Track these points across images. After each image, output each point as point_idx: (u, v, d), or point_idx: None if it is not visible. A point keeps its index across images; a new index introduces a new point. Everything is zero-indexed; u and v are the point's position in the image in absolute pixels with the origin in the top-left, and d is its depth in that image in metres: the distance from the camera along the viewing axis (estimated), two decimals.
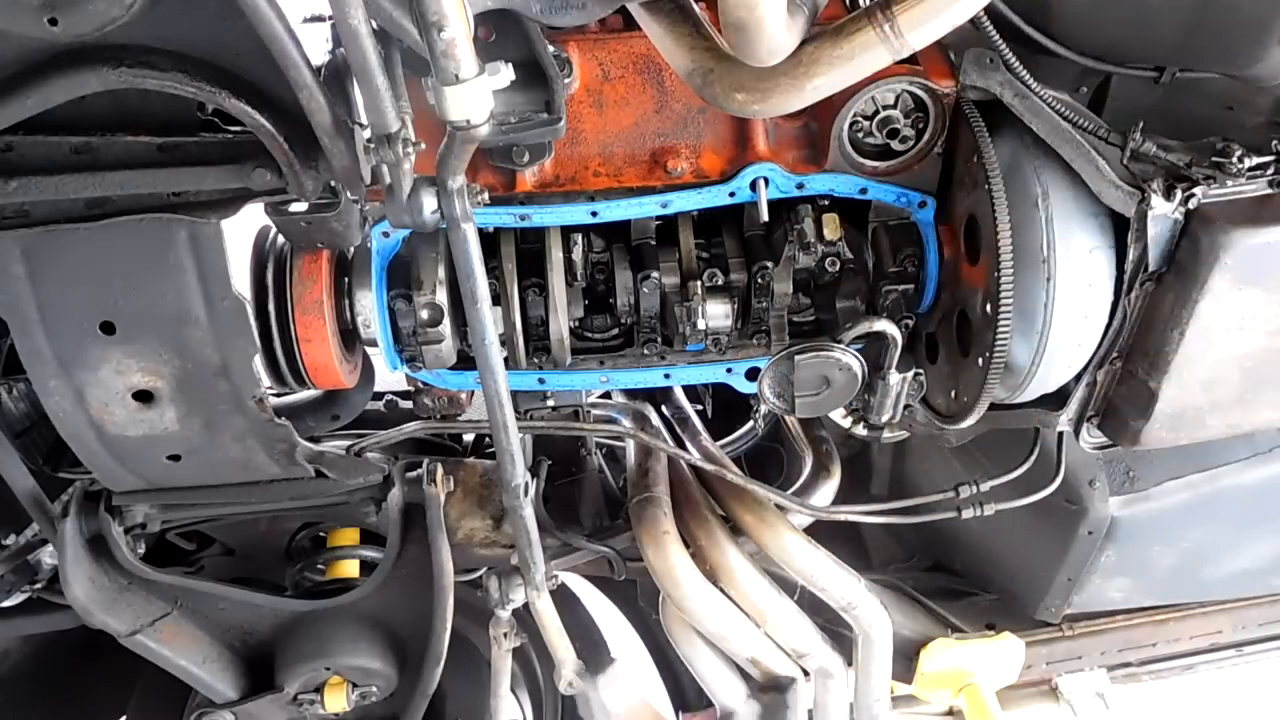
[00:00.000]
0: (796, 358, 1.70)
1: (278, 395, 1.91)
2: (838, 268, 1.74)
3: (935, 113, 1.63)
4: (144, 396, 1.49)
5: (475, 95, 1.12)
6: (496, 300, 1.67)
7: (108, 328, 1.41)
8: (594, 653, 2.34)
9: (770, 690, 2.09)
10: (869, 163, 1.67)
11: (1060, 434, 1.85)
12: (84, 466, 1.63)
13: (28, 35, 1.08)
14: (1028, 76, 1.53)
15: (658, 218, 1.76)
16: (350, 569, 2.10)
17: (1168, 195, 1.44)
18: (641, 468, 2.06)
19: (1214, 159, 1.48)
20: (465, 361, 1.78)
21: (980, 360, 1.60)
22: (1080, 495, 2.02)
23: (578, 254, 1.72)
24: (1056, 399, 1.72)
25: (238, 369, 1.48)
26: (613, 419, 2.20)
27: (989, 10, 1.47)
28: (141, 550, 1.82)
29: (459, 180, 1.28)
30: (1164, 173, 1.47)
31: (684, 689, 2.37)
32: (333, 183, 1.35)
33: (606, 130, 1.67)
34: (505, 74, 1.16)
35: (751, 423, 2.64)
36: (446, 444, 2.19)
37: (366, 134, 1.20)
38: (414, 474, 1.84)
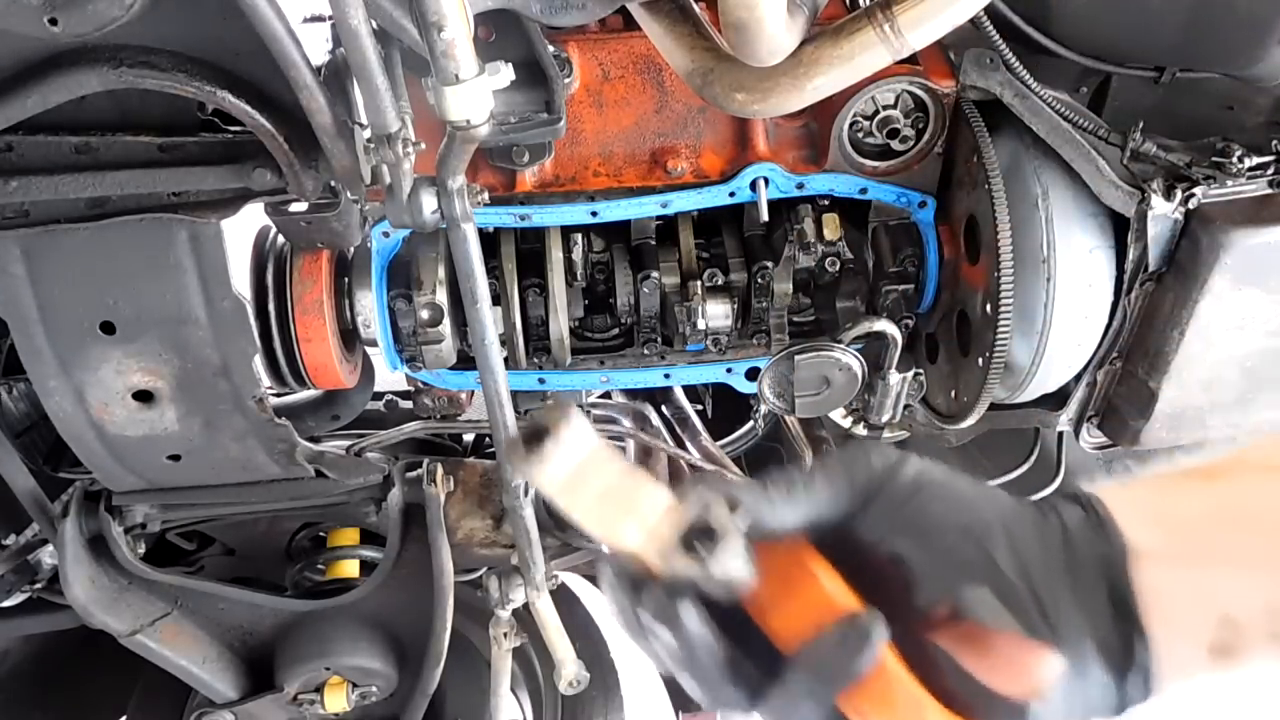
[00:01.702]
0: (796, 358, 1.70)
1: (278, 395, 1.91)
2: (838, 268, 1.74)
3: (935, 113, 1.63)
4: (144, 396, 1.49)
5: (475, 95, 1.12)
6: (496, 300, 1.67)
7: (108, 328, 1.41)
8: (594, 652, 2.34)
9: None
10: (869, 163, 1.67)
11: (1060, 434, 1.85)
12: (84, 466, 1.63)
13: (28, 35, 1.08)
14: (1028, 76, 1.53)
15: (658, 218, 1.76)
16: (350, 569, 2.10)
17: (1168, 195, 1.44)
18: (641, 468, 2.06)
19: (1214, 159, 1.48)
20: (465, 361, 1.78)
21: (980, 360, 1.60)
22: None
23: (578, 254, 1.72)
24: (1056, 399, 1.72)
25: (238, 369, 1.48)
26: (613, 419, 2.20)
27: (989, 10, 1.47)
28: (141, 550, 1.81)
29: (459, 180, 1.28)
30: (1164, 173, 1.47)
31: (684, 689, 2.37)
32: (333, 183, 1.35)
33: (606, 130, 1.67)
34: (505, 74, 1.16)
35: (751, 423, 2.64)
36: (446, 444, 2.19)
37: (366, 134, 1.20)
38: (414, 474, 1.83)
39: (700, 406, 2.39)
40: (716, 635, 0.63)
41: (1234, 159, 1.46)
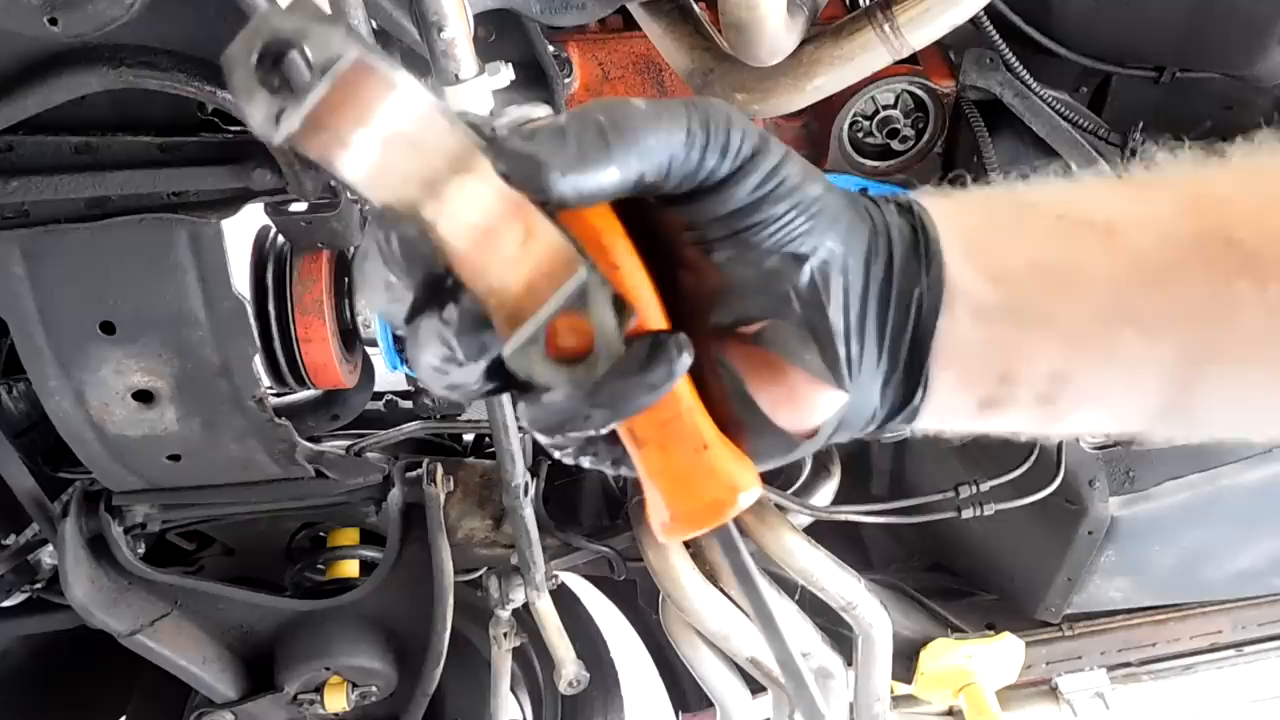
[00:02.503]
0: None
1: (278, 395, 1.91)
2: None
3: (935, 113, 1.63)
4: (144, 396, 1.49)
5: (475, 95, 1.12)
6: None
7: (108, 328, 1.41)
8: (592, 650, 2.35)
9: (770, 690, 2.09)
10: (869, 163, 1.67)
11: None
12: (84, 466, 1.63)
13: (28, 35, 1.08)
14: (1028, 76, 1.53)
15: None
16: (350, 569, 2.10)
17: None
18: None
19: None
20: None
21: None
22: (1080, 495, 2.02)
23: None
24: None
25: (238, 369, 1.48)
26: None
27: (989, 10, 1.47)
28: (141, 550, 1.82)
29: None
30: None
31: (684, 689, 2.37)
32: (332, 183, 1.35)
33: None
34: (505, 74, 1.16)
35: None
36: (446, 444, 2.19)
37: None
38: (414, 474, 1.83)
39: None
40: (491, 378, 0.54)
41: None
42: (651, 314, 0.53)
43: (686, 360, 0.52)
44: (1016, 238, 0.59)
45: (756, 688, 2.11)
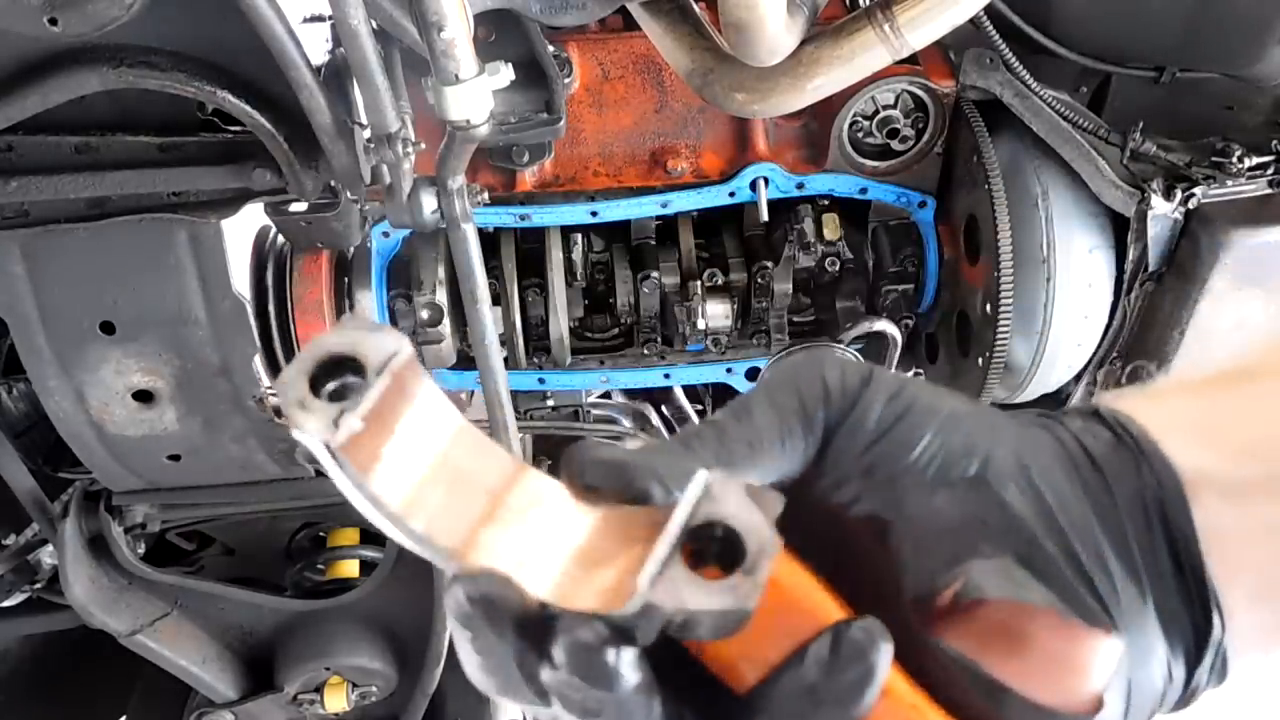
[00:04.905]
0: None
1: (278, 395, 1.91)
2: (838, 268, 1.74)
3: (935, 113, 1.63)
4: (144, 396, 1.49)
5: (475, 95, 1.12)
6: (496, 300, 1.68)
7: (108, 328, 1.41)
8: None
9: None
10: (869, 163, 1.67)
11: None
12: (84, 466, 1.63)
13: (28, 35, 1.08)
14: (1028, 76, 1.53)
15: (658, 218, 1.76)
16: (350, 569, 2.10)
17: (1168, 195, 1.44)
18: None
19: (1214, 159, 1.48)
20: (465, 361, 1.78)
21: (980, 360, 1.60)
22: None
23: (578, 254, 1.72)
24: (1056, 399, 1.72)
25: (238, 369, 1.48)
26: (613, 419, 2.20)
27: (989, 10, 1.47)
28: (141, 550, 1.82)
29: (459, 180, 1.28)
30: (1164, 173, 1.47)
31: None
32: (333, 183, 1.35)
33: (606, 130, 1.67)
34: (505, 74, 1.16)
35: None
36: None
37: (366, 134, 1.20)
38: None
39: (700, 407, 2.39)
40: (655, 690, 0.40)
41: (1234, 159, 1.46)
42: (819, 603, 0.42)
43: (884, 645, 0.40)
44: (1232, 400, 0.47)
45: None
